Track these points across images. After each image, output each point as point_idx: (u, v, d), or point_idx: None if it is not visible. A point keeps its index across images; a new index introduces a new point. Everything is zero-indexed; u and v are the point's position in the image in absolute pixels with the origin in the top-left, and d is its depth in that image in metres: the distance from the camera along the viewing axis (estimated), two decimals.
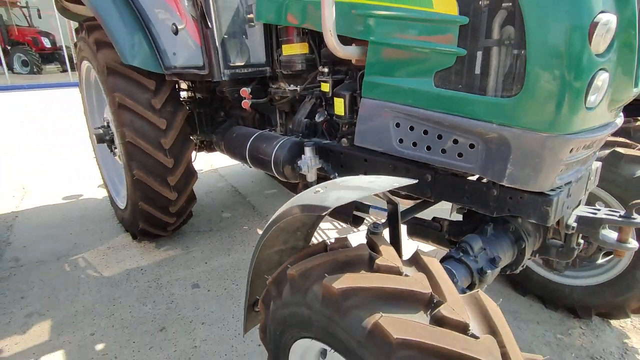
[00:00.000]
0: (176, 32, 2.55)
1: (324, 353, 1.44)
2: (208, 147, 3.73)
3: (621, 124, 1.71)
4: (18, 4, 21.10)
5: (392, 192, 2.43)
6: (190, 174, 3.20)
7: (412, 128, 1.70)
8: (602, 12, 1.22)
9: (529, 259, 1.87)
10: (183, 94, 3.63)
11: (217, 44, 2.41)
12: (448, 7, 1.46)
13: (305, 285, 1.22)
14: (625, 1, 1.25)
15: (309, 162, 2.26)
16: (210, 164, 6.08)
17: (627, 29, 1.28)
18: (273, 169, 2.41)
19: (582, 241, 1.79)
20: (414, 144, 1.72)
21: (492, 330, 0.99)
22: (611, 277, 2.46)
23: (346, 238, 1.42)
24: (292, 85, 2.57)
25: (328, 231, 3.90)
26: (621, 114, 1.78)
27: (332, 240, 1.38)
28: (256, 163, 2.61)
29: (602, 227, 1.65)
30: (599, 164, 1.93)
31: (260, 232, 4.13)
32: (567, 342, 2.49)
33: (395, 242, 1.56)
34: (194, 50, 2.56)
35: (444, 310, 0.98)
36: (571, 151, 1.42)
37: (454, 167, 1.63)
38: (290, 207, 1.28)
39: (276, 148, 2.38)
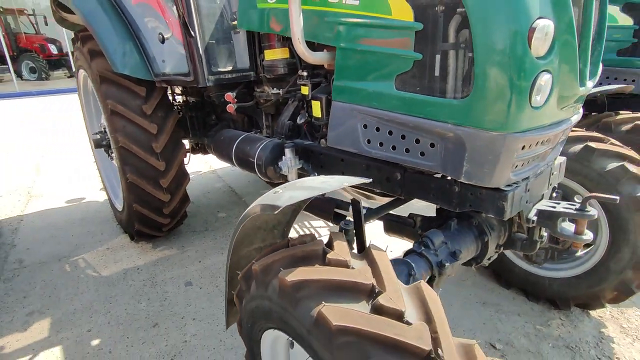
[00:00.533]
0: (163, 41, 2.66)
1: (292, 343, 1.54)
2: (202, 149, 3.85)
3: (577, 121, 1.77)
4: (25, 12, 21.51)
5: (369, 190, 2.52)
6: (183, 176, 3.32)
7: (378, 129, 1.78)
8: (540, 18, 1.29)
9: (497, 252, 1.94)
10: (178, 99, 3.75)
11: (200, 51, 2.51)
12: (404, 14, 1.54)
13: (266, 279, 1.31)
14: (562, 8, 1.32)
15: (289, 162, 2.35)
16: (209, 165, 6.20)
17: (566, 33, 1.35)
18: (256, 170, 2.51)
19: (545, 234, 1.85)
20: (381, 144, 1.80)
21: (428, 318, 1.08)
22: (587, 269, 2.51)
23: (312, 234, 1.51)
24: (275, 89, 2.66)
25: (320, 229, 3.99)
26: (580, 110, 1.84)
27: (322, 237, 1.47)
28: (242, 164, 2.71)
29: (563, 220, 1.71)
30: (563, 159, 1.99)
31: None
32: (546, 333, 2.55)
33: (360, 237, 1.65)
34: (180, 57, 2.66)
35: (382, 299, 1.07)
36: (523, 148, 1.49)
37: (417, 165, 1.71)
38: (253, 206, 1.37)
39: (259, 150, 2.48)
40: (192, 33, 2.44)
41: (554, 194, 2.37)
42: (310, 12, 1.89)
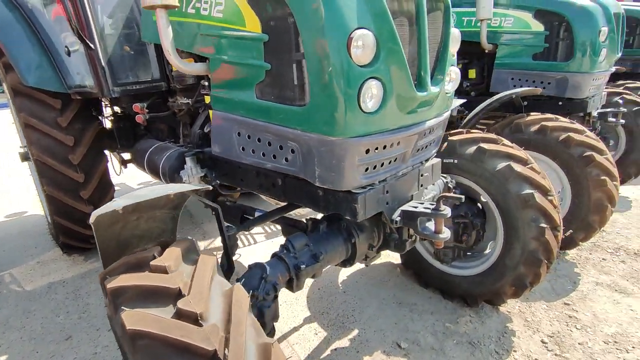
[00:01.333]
0: (69, 54, 2.67)
1: None
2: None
3: (441, 123, 1.85)
4: None
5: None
6: (107, 186, 3.31)
7: (249, 137, 1.83)
8: (358, 28, 1.36)
9: (374, 253, 2.00)
10: (109, 110, 3.74)
11: (103, 63, 2.53)
12: (254, 25, 1.60)
13: (103, 285, 1.34)
14: (381, 19, 1.39)
15: (189, 171, 2.37)
16: None
17: (390, 42, 1.42)
18: (162, 179, 2.53)
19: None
20: (253, 151, 1.85)
21: (227, 319, 1.11)
22: (488, 267, 2.59)
23: (189, 239, 1.54)
24: (185, 99, 2.69)
25: (256, 235, 4.02)
26: (445, 113, 1.92)
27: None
28: (153, 174, 2.72)
29: (427, 220, 1.77)
30: (437, 160, 2.06)
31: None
32: (453, 330, 2.62)
33: (224, 242, 1.69)
34: (87, 69, 2.68)
35: (181, 303, 1.10)
36: (368, 152, 1.56)
37: (285, 171, 1.76)
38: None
39: (163, 159, 2.50)
40: (91, 45, 2.45)
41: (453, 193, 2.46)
42: (186, 23, 1.94)
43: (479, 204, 2.66)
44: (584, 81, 3.47)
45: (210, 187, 1.48)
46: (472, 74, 4.26)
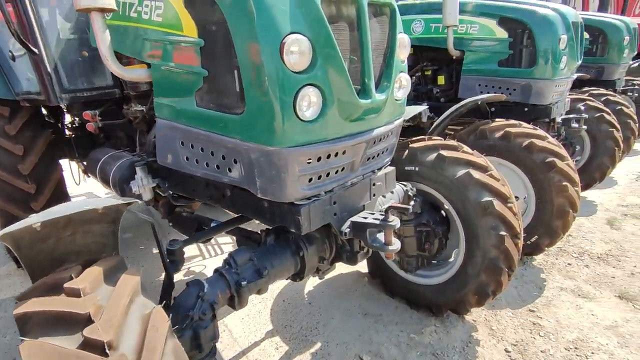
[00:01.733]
0: (14, 59, 2.54)
1: None
2: None
3: (392, 130, 1.81)
4: None
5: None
6: (62, 197, 3.16)
7: (192, 146, 1.74)
8: (291, 33, 1.30)
9: (327, 265, 1.93)
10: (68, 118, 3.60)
11: (48, 69, 2.41)
12: (191, 30, 1.53)
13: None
14: (317, 23, 1.34)
15: (139, 182, 2.27)
16: None
17: (326, 48, 1.36)
18: (113, 190, 2.41)
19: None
20: (197, 161, 1.76)
21: (142, 346, 1.03)
22: (451, 275, 2.56)
23: (117, 257, 1.45)
24: (140, 106, 2.59)
25: (224, 245, 3.91)
26: (397, 120, 1.88)
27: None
28: (105, 185, 2.60)
29: (378, 231, 1.71)
30: (390, 169, 2.01)
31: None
32: (418, 341, 2.56)
33: (162, 258, 1.60)
34: (33, 76, 2.55)
35: (87, 330, 1.01)
36: (310, 162, 1.49)
37: (228, 181, 1.68)
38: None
39: (114, 169, 2.39)
40: (35, 50, 2.33)
41: (412, 203, 2.42)
42: (130, 28, 1.85)
43: (442, 212, 2.63)
44: (546, 87, 3.51)
45: (137, 200, 1.39)
46: (441, 80, 4.28)
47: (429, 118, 4.03)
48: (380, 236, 1.71)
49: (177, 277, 3.50)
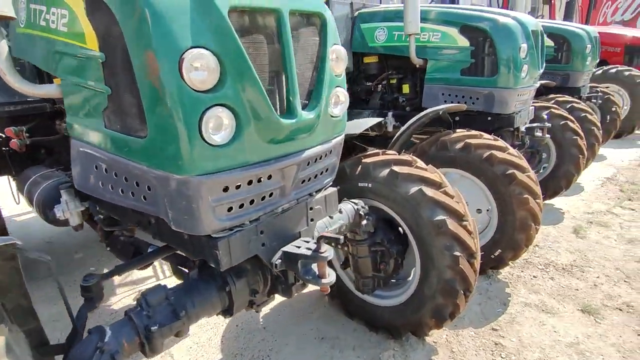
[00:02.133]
0: None
1: None
2: None
3: (328, 148, 1.67)
4: None
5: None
6: None
7: (106, 170, 1.56)
8: (192, 47, 1.14)
9: (266, 298, 1.77)
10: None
11: None
12: (93, 42, 1.36)
13: None
14: (224, 36, 1.19)
15: (64, 206, 2.06)
16: None
17: (236, 63, 1.21)
18: (37, 214, 2.20)
19: None
20: (112, 187, 1.58)
21: None
22: (408, 296, 2.43)
23: None
24: None
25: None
26: (336, 138, 1.74)
27: None
28: (32, 208, 2.38)
29: (311, 263, 1.56)
30: (332, 190, 1.86)
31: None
32: None
33: (63, 297, 1.41)
34: None
35: None
36: (226, 190, 1.33)
37: (144, 210, 1.51)
38: None
39: (38, 192, 2.17)
40: None
41: (364, 222, 2.28)
42: (39, 39, 1.67)
43: (400, 229, 2.50)
44: (509, 96, 3.45)
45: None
46: (406, 88, 4.18)
47: (394, 127, 3.94)
48: (315, 267, 1.56)
49: (125, 302, 3.27)
